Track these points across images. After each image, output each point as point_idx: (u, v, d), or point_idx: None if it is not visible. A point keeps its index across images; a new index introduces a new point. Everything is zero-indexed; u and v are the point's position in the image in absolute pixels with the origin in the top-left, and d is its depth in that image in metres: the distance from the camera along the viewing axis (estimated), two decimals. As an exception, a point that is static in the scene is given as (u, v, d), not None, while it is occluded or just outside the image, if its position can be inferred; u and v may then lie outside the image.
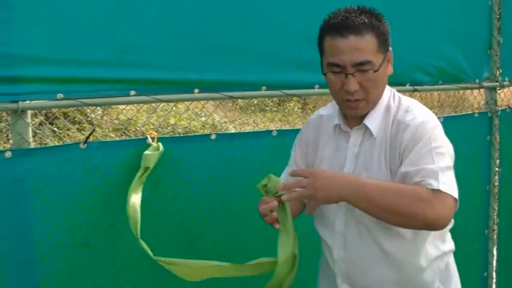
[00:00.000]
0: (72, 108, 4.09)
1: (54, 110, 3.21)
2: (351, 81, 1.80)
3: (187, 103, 2.77)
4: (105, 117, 6.76)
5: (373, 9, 1.86)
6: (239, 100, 9.35)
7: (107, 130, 6.49)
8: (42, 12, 2.13)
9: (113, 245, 2.34)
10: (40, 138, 5.76)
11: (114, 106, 5.48)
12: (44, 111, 5.95)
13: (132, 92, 2.32)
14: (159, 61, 2.36)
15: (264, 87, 2.61)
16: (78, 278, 2.29)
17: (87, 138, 2.26)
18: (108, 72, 2.27)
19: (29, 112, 2.21)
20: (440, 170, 1.72)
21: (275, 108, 11.38)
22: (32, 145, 2.24)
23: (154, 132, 2.36)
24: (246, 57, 2.54)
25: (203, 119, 7.66)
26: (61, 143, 5.85)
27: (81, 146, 2.25)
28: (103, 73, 2.26)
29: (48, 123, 5.69)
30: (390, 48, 1.90)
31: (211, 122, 7.92)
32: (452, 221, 2.05)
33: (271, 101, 11.26)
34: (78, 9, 2.19)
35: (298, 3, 2.62)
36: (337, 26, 1.80)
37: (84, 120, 6.39)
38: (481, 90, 3.44)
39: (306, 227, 2.22)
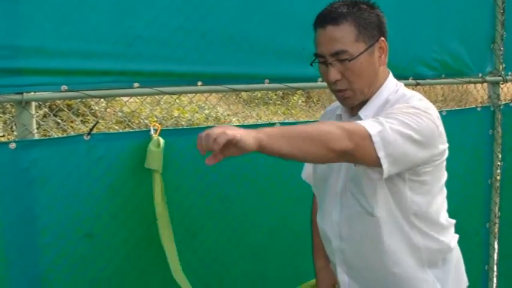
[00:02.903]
0: (76, 100, 4.10)
1: (58, 102, 3.23)
2: (330, 71, 1.84)
3: (190, 96, 2.79)
4: (108, 110, 6.78)
5: (364, 0, 1.88)
6: (242, 93, 9.38)
7: (110, 122, 6.52)
8: (47, 4, 2.14)
9: (116, 235, 2.36)
10: (44, 130, 5.78)
11: (117, 98, 5.50)
12: (48, 103, 5.96)
13: (136, 84, 2.33)
14: (163, 53, 2.37)
15: (267, 80, 2.62)
16: (81, 268, 2.31)
17: (91, 129, 2.28)
18: (113, 64, 2.28)
19: (33, 104, 2.23)
20: (391, 128, 1.67)
21: (278, 102, 11.39)
22: (36, 136, 2.25)
23: (158, 124, 2.38)
24: (250, 50, 2.56)
25: (206, 111, 7.68)
26: (65, 134, 5.87)
27: (85, 137, 2.27)
28: (107, 65, 2.27)
29: (52, 115, 5.70)
30: (383, 38, 1.88)
31: (214, 115, 7.94)
32: (452, 221, 2.07)
33: (275, 94, 11.27)
34: (84, 1, 2.20)
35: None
36: (319, 18, 1.86)
37: (87, 112, 6.40)
38: (484, 84, 3.45)
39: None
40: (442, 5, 3.09)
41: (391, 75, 1.97)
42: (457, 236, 2.11)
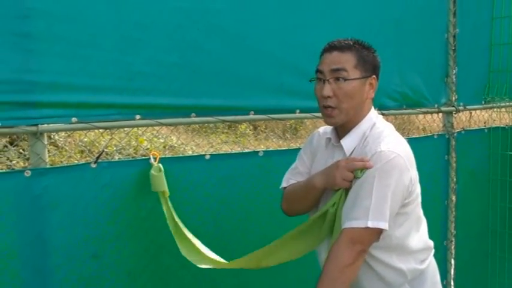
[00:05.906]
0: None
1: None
2: (326, 87, 2.12)
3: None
4: (69, 139, 6.87)
5: (365, 42, 2.19)
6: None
7: (72, 152, 6.62)
8: (59, 43, 2.33)
9: (120, 256, 2.55)
10: (7, 158, 5.85)
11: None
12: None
13: (138, 116, 2.54)
14: (161, 88, 2.59)
15: (252, 112, 2.86)
16: (89, 286, 2.48)
17: (97, 158, 2.46)
18: (116, 97, 2.49)
19: (45, 134, 2.41)
20: (373, 204, 1.98)
21: (226, 130, 11.60)
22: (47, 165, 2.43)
23: (156, 153, 2.58)
24: (237, 85, 2.80)
25: (161, 140, 7.85)
26: (27, 164, 5.94)
27: (92, 165, 2.46)
28: (112, 99, 2.48)
29: (12, 146, 5.77)
30: (374, 76, 2.17)
31: (170, 143, 8.11)
32: (430, 242, 2.40)
33: (222, 124, 11.49)
34: (91, 42, 2.41)
35: (284, 39, 2.91)
36: (329, 46, 2.17)
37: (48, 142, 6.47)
38: (436, 114, 3.78)
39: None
40: (402, 42, 3.41)
41: (373, 109, 2.24)
42: (433, 251, 2.37)
